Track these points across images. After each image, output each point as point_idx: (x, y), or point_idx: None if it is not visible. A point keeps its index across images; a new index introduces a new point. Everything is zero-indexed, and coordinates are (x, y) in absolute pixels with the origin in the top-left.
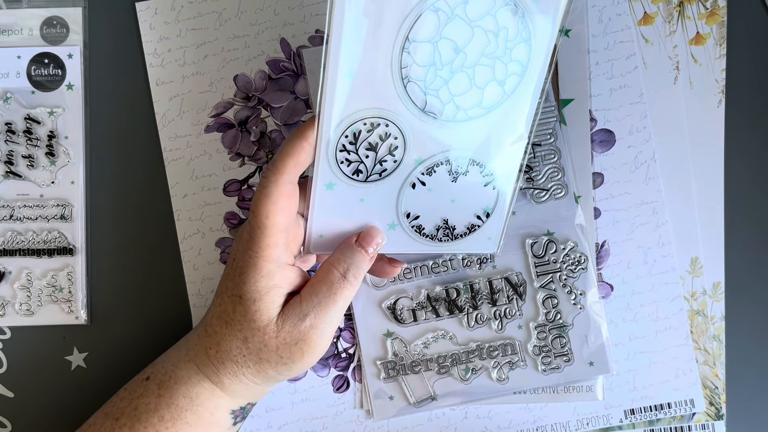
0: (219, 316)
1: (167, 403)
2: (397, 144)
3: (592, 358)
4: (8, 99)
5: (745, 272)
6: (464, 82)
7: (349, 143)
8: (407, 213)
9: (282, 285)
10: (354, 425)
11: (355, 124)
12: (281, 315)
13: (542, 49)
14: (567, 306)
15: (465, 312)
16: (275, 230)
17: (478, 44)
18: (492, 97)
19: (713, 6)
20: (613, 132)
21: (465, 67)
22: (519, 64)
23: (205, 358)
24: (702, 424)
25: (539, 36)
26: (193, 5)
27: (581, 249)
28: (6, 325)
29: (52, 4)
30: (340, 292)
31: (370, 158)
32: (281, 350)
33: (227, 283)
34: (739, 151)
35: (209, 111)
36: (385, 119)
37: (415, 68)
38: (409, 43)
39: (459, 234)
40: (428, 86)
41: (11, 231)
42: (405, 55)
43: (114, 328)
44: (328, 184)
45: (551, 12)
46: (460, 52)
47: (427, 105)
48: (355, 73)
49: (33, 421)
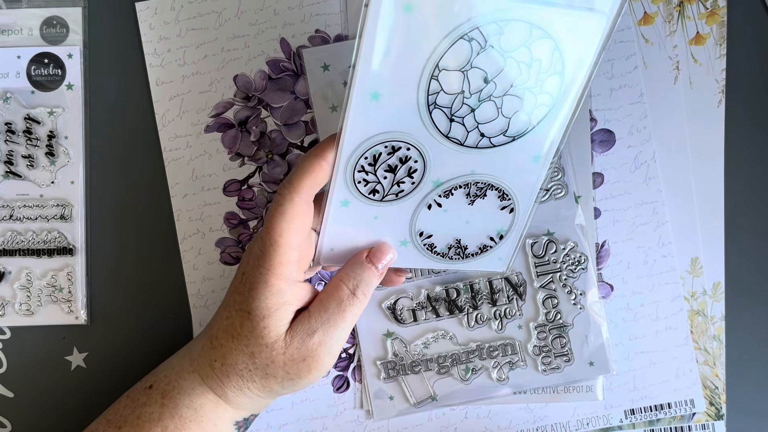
0: (225, 329)
1: (171, 414)
2: (416, 167)
3: (592, 358)
4: (8, 99)
5: (745, 272)
6: (491, 110)
7: (368, 164)
8: (420, 232)
9: (292, 302)
10: (354, 425)
11: (376, 146)
12: (289, 331)
13: (575, 82)
14: (567, 306)
15: (465, 312)
16: (288, 248)
17: (510, 75)
18: (518, 126)
19: (713, 6)
20: (613, 132)
21: (493, 97)
22: (549, 95)
23: (209, 370)
24: (702, 424)
25: (573, 69)
26: (193, 5)
27: (581, 249)
28: (6, 325)
29: (52, 4)
30: (349, 309)
31: (387, 179)
32: (288, 366)
33: (235, 296)
34: (740, 151)
35: (209, 111)
36: (406, 143)
37: (442, 95)
38: (439, 70)
39: (470, 253)
40: (454, 113)
41: (11, 231)
42: (433, 82)
43: (114, 328)
44: (343, 201)
45: (588, 47)
46: (490, 82)
47: (451, 131)
48: (381, 96)
49: (33, 421)
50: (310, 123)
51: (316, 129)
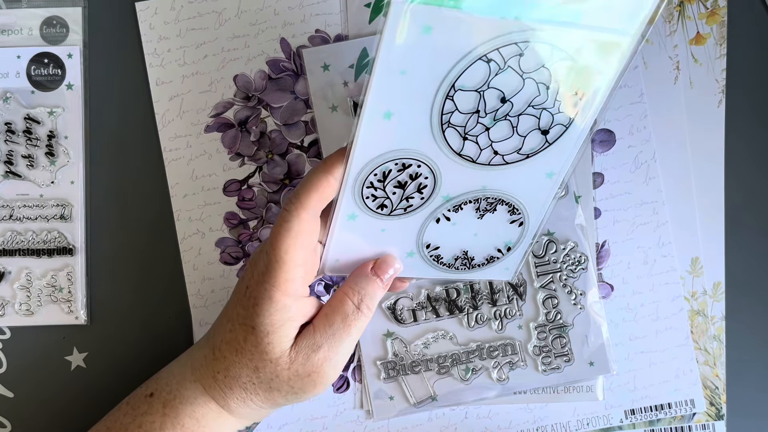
0: (229, 342)
1: (173, 423)
2: (426, 183)
3: (592, 358)
4: (8, 99)
5: (745, 272)
6: (506, 129)
7: (378, 181)
8: (428, 244)
9: (296, 318)
10: (354, 425)
11: (386, 163)
12: (294, 346)
13: (594, 102)
14: (567, 306)
15: (465, 312)
16: (293, 265)
17: (527, 94)
18: (532, 144)
19: (713, 6)
20: (613, 132)
21: (509, 116)
22: (566, 115)
23: (212, 381)
24: (702, 424)
25: (593, 90)
26: (193, 5)
27: (581, 249)
28: (6, 325)
29: (51, 4)
30: (354, 323)
31: (396, 195)
32: (293, 381)
33: (239, 309)
34: (740, 150)
35: (209, 111)
36: (417, 160)
37: (456, 114)
38: (455, 91)
39: (476, 264)
40: (468, 132)
41: (11, 231)
42: (448, 101)
43: (114, 328)
44: (350, 215)
45: (610, 68)
46: (507, 101)
47: (464, 149)
48: (393, 115)
49: (33, 421)
50: (310, 123)
51: (316, 129)
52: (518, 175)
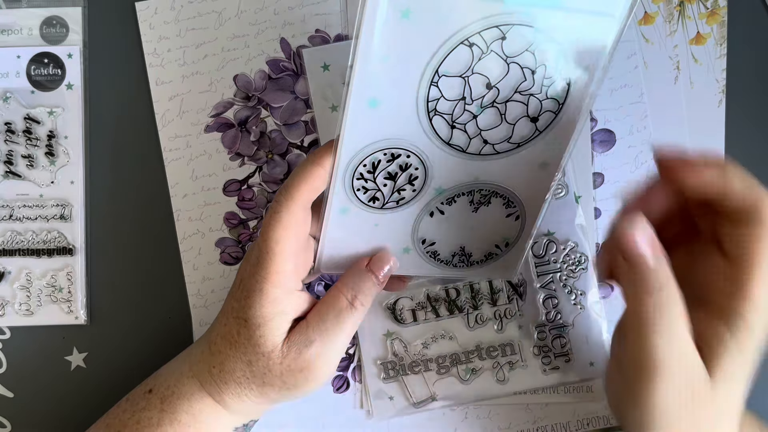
0: (224, 336)
1: (170, 419)
2: (417, 174)
3: (593, 358)
4: (8, 99)
5: None
6: (493, 117)
7: (367, 172)
8: (423, 239)
9: (288, 311)
10: (354, 425)
11: (375, 153)
12: (287, 341)
13: (583, 87)
14: (567, 306)
15: (465, 312)
16: (284, 256)
17: (512, 80)
18: (523, 132)
19: (714, 6)
20: (613, 132)
21: (496, 103)
22: (555, 101)
23: (208, 376)
24: None
25: (580, 74)
26: (193, 5)
27: (581, 249)
28: (6, 325)
29: (51, 4)
30: (347, 319)
31: (387, 187)
32: (285, 376)
33: (233, 303)
34: (740, 151)
35: (209, 111)
36: (406, 150)
37: (442, 102)
38: (439, 76)
39: (475, 261)
40: (455, 120)
41: (11, 231)
42: (433, 88)
43: (114, 328)
44: (342, 209)
45: (596, 52)
46: (493, 87)
47: (452, 138)
48: (379, 103)
49: (33, 421)
50: (310, 123)
51: (316, 129)
52: (511, 166)
